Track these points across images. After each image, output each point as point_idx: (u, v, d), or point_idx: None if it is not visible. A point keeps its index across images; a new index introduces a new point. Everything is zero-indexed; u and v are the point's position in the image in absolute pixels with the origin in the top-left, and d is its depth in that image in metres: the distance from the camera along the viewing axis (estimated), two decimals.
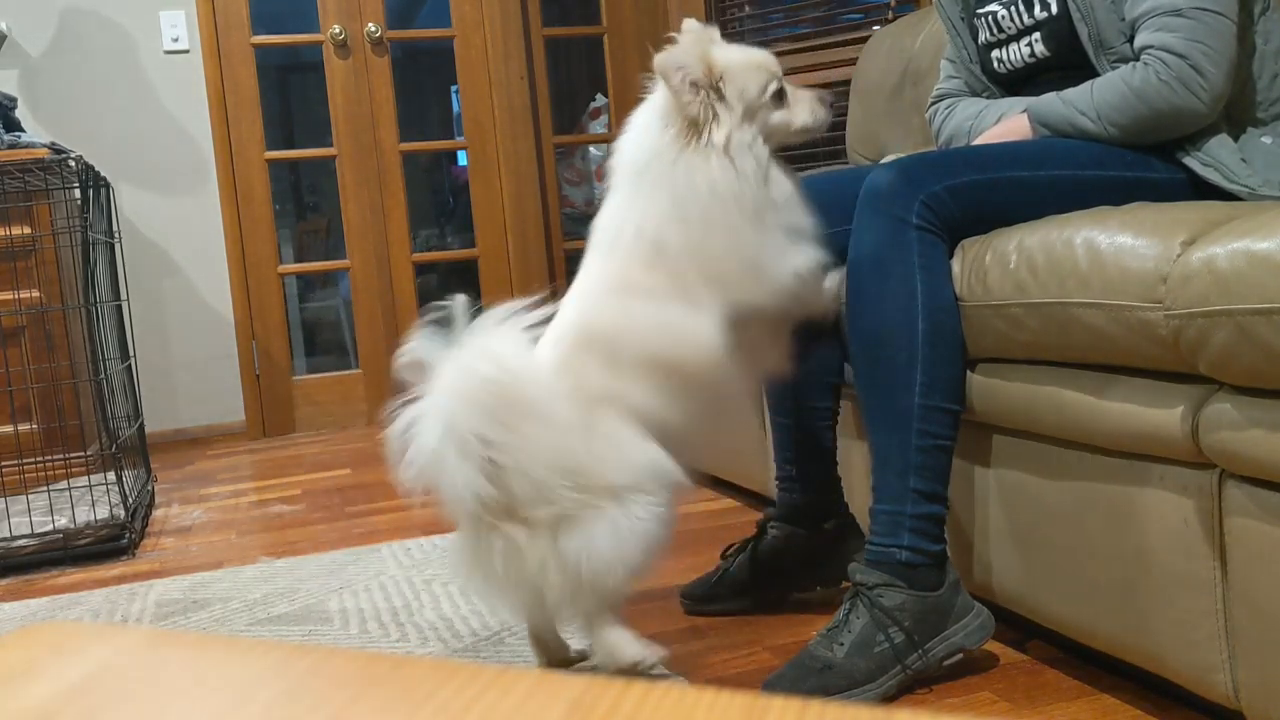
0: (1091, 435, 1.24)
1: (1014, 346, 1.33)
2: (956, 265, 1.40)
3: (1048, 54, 1.62)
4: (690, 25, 1.36)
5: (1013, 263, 1.31)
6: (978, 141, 1.65)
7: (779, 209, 1.36)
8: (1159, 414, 1.13)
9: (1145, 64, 1.45)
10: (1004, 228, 1.38)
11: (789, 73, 4.04)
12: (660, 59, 1.31)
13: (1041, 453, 1.34)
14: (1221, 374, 1.05)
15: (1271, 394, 1.01)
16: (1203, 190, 1.46)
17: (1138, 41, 1.48)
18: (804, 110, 1.41)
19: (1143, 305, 1.11)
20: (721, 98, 1.33)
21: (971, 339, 1.39)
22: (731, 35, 3.89)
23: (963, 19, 1.78)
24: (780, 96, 1.38)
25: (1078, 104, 1.51)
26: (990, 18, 1.70)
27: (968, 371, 1.43)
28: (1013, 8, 1.64)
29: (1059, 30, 1.58)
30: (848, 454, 1.76)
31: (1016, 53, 1.66)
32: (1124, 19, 1.51)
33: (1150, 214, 1.19)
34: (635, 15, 4.20)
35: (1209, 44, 1.42)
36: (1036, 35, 1.62)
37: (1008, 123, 1.61)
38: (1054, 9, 1.58)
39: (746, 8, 3.93)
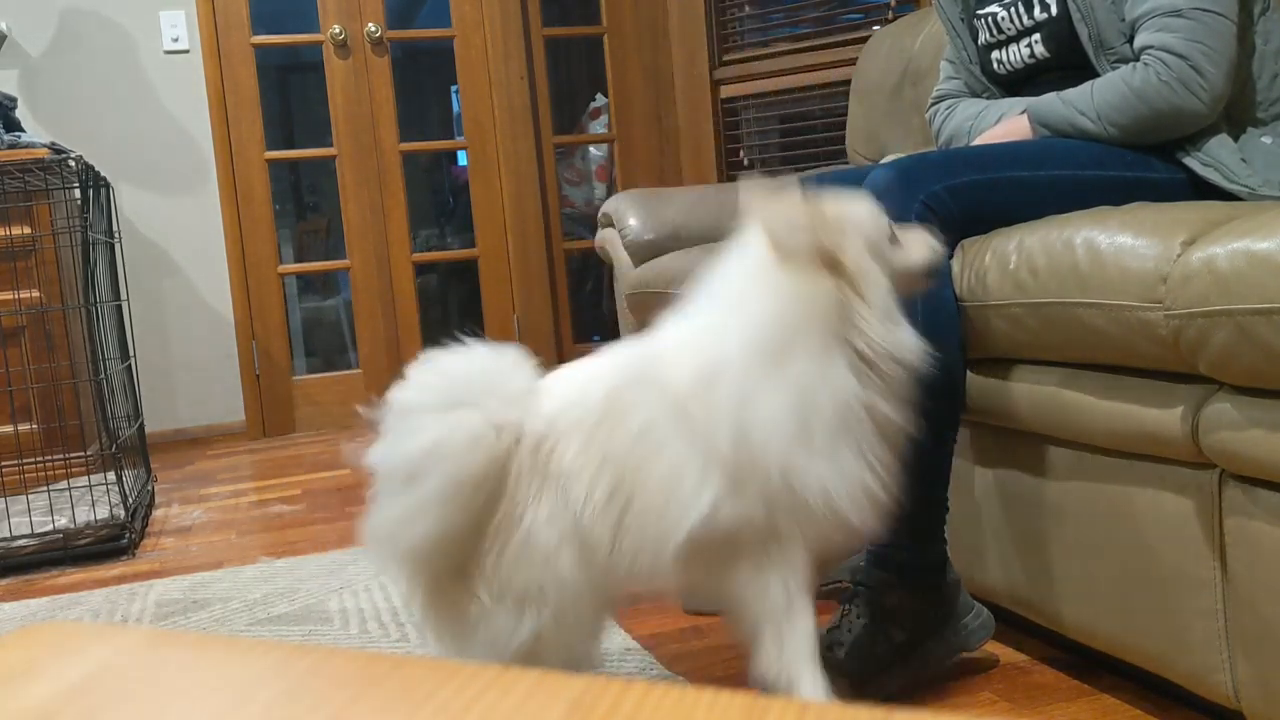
0: (1091, 435, 1.24)
1: (1014, 346, 1.33)
2: (956, 265, 1.40)
3: (1047, 55, 1.62)
4: (757, 183, 1.13)
5: (1013, 263, 1.31)
6: (978, 141, 1.65)
7: (898, 365, 1.12)
8: (1159, 414, 1.13)
9: (1145, 64, 1.45)
10: (1004, 228, 1.38)
11: (789, 72, 4.03)
12: (769, 224, 1.10)
13: (1041, 453, 1.34)
14: (1221, 374, 1.05)
15: (1271, 394, 1.01)
16: (1203, 190, 1.46)
17: (1138, 42, 1.48)
18: (918, 248, 1.21)
19: (1143, 305, 1.11)
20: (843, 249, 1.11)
21: (972, 339, 1.39)
22: (731, 35, 3.89)
23: (962, 20, 1.78)
24: (893, 237, 1.20)
25: (1078, 104, 1.51)
26: (990, 19, 1.70)
27: (968, 371, 1.43)
28: (1013, 9, 1.64)
29: (1059, 31, 1.58)
30: None
31: (1016, 54, 1.67)
32: (1124, 19, 1.51)
33: (1150, 214, 1.19)
34: (635, 15, 4.20)
35: (1209, 44, 1.42)
36: (1036, 36, 1.62)
37: (1008, 123, 1.61)
38: (1054, 10, 1.58)
39: (746, 8, 3.93)
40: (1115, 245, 1.16)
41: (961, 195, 1.40)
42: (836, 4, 3.71)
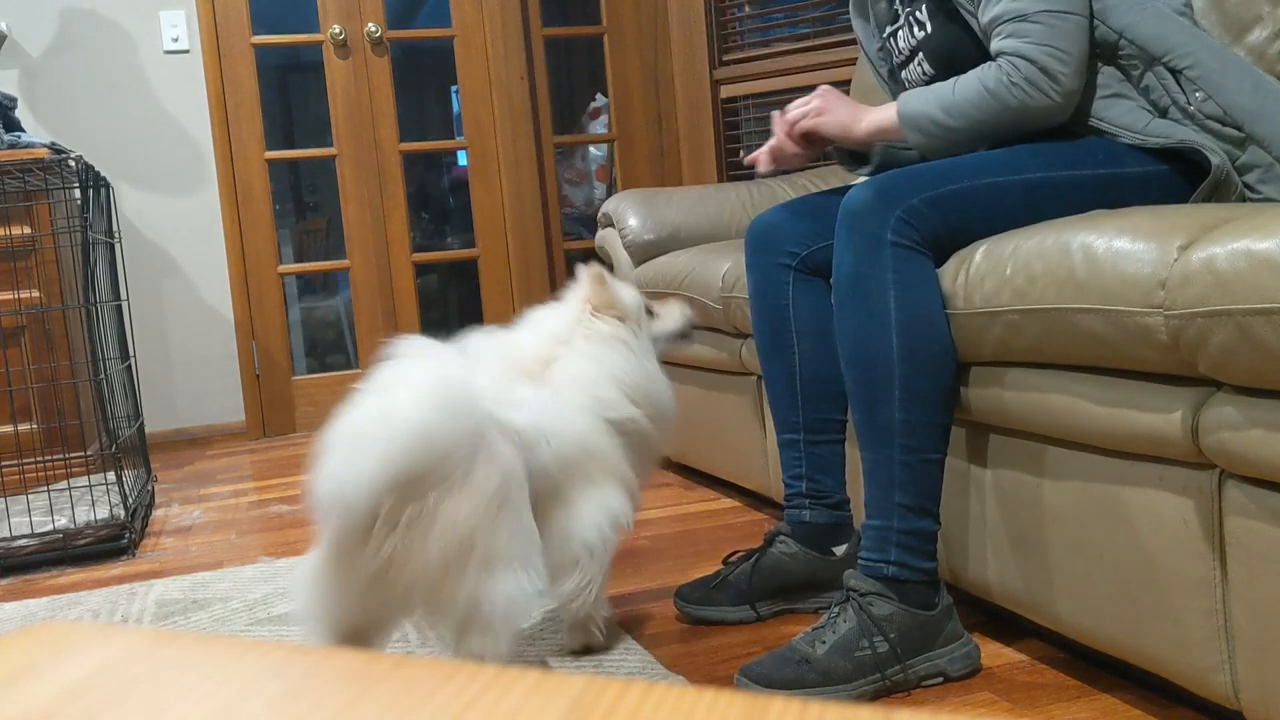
0: (1091, 437, 1.24)
1: (1012, 351, 1.33)
2: (952, 271, 1.40)
3: (934, 72, 1.63)
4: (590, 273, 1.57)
5: (1009, 269, 1.30)
6: (863, 124, 1.64)
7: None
8: (1158, 415, 1.13)
9: (999, 66, 1.47)
10: (996, 235, 1.38)
11: (789, 72, 4.04)
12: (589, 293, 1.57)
13: (1041, 454, 1.35)
14: (1221, 374, 1.05)
15: (1271, 394, 1.01)
16: (1179, 179, 1.45)
17: (993, 46, 1.49)
18: (671, 317, 1.68)
19: (1141, 310, 1.11)
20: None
21: (969, 344, 1.39)
22: (731, 35, 3.89)
23: (878, 49, 1.82)
24: (652, 312, 1.65)
25: (940, 100, 1.52)
26: (892, 40, 1.73)
27: (968, 373, 1.43)
28: (904, 30, 1.68)
29: (937, 48, 1.61)
30: (853, 465, 1.75)
31: (914, 72, 1.69)
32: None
33: (1146, 218, 1.19)
34: (635, 15, 4.20)
35: (1059, 46, 1.44)
36: (921, 55, 1.65)
37: (880, 110, 1.62)
38: (929, 28, 1.62)
39: (746, 8, 3.93)
40: (1112, 250, 1.16)
41: (940, 206, 1.41)
42: (836, 4, 3.71)
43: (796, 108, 1.67)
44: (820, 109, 1.64)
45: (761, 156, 1.74)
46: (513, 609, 1.24)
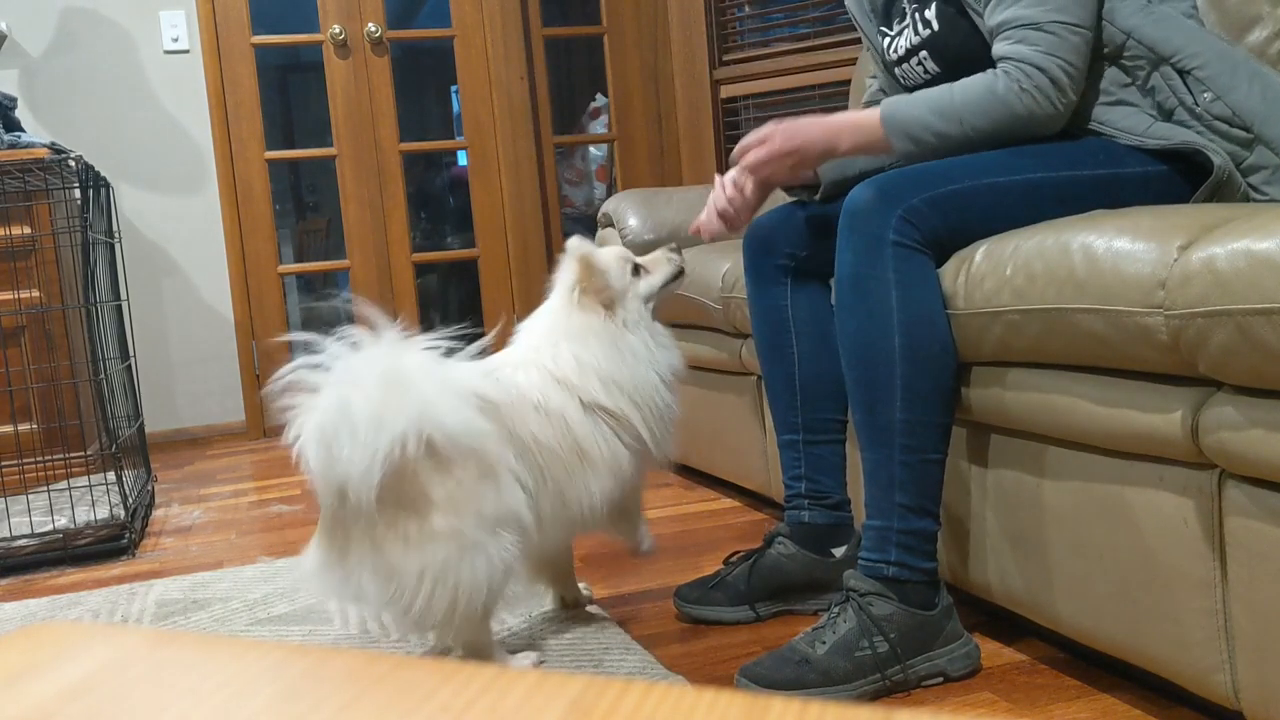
0: (1091, 437, 1.24)
1: (1013, 351, 1.33)
2: (953, 271, 1.40)
3: (939, 70, 1.61)
4: (574, 244, 1.60)
5: (1009, 269, 1.30)
6: (844, 144, 1.58)
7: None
8: (1158, 415, 1.13)
9: (1006, 73, 1.45)
10: (995, 235, 1.38)
11: (789, 72, 4.04)
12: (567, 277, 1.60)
13: (1041, 454, 1.35)
14: (1221, 374, 1.05)
15: (1271, 394, 1.01)
16: (1181, 180, 1.45)
17: (997, 50, 1.47)
18: (659, 267, 1.67)
19: (1141, 310, 1.11)
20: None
21: (970, 344, 1.39)
22: (731, 35, 3.89)
23: (879, 34, 1.79)
24: (637, 269, 1.64)
25: (936, 105, 1.49)
26: (889, 36, 1.70)
27: (969, 373, 1.43)
28: (908, 28, 1.66)
29: (942, 47, 1.59)
30: (854, 467, 1.75)
31: (913, 70, 1.67)
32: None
33: (1146, 218, 1.19)
34: (635, 15, 4.20)
35: (1066, 58, 1.43)
36: (924, 53, 1.63)
37: (856, 124, 1.57)
38: (936, 26, 1.59)
39: (746, 8, 3.93)
40: (1112, 250, 1.16)
41: (940, 205, 1.40)
42: (836, 4, 3.71)
43: (761, 160, 1.59)
44: (793, 149, 1.56)
45: (704, 225, 1.71)
46: (477, 586, 1.35)
